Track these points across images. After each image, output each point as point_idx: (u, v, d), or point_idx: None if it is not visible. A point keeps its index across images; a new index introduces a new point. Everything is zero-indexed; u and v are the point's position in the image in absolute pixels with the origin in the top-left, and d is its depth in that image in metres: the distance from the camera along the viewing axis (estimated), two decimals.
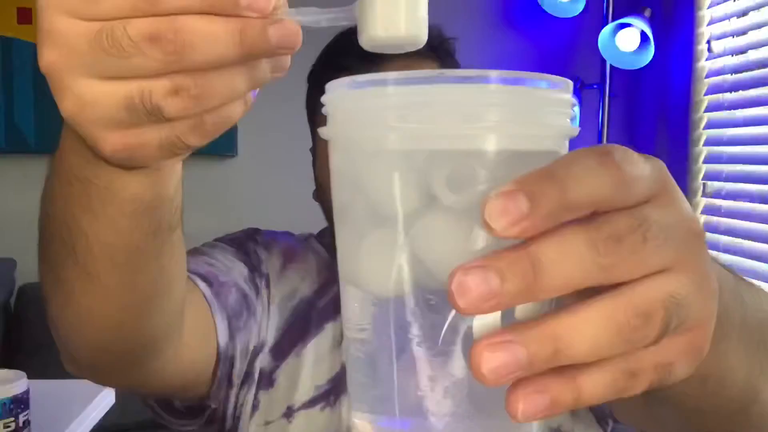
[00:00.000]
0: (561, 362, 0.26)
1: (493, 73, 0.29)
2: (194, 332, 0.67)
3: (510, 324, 0.26)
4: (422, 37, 0.37)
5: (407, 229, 0.29)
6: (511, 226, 0.25)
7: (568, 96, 0.31)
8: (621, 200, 0.27)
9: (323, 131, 0.33)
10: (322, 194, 0.86)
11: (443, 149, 0.29)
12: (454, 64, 0.88)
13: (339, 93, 0.32)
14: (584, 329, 0.26)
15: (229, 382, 0.78)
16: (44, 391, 1.07)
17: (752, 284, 0.48)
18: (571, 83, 0.31)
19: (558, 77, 0.30)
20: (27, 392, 0.95)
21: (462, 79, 0.29)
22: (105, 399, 1.18)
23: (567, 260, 0.25)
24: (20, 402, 0.93)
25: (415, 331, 0.30)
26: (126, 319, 0.55)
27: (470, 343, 0.27)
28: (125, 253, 0.49)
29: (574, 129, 0.31)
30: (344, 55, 0.45)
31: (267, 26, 0.34)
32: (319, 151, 0.86)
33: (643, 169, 0.28)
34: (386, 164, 0.30)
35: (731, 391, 0.45)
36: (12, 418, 0.92)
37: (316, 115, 0.86)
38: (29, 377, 0.96)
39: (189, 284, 0.70)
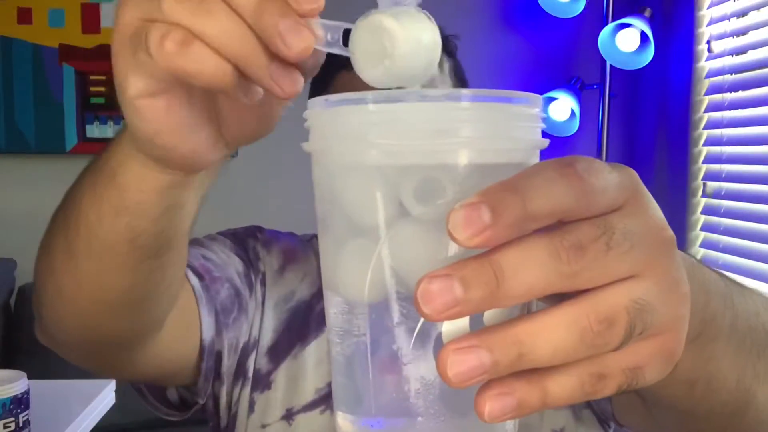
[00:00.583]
0: (525, 366, 0.27)
1: (463, 91, 0.30)
2: (177, 324, 0.68)
3: (478, 329, 0.27)
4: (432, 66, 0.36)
5: (380, 239, 0.31)
6: (473, 237, 0.26)
7: (537, 110, 0.32)
8: (584, 210, 0.27)
9: (305, 145, 0.34)
10: None
11: (413, 163, 0.30)
12: (455, 63, 0.88)
13: (317, 110, 0.33)
14: (547, 334, 0.26)
15: (218, 376, 0.78)
16: (44, 391, 1.07)
17: (745, 288, 0.49)
18: (540, 98, 0.32)
19: (527, 93, 0.32)
20: (27, 392, 0.95)
21: (433, 98, 0.30)
22: (105, 399, 1.18)
23: (529, 268, 0.26)
24: (20, 402, 0.93)
25: (389, 335, 0.31)
26: (111, 313, 0.56)
27: (440, 346, 0.28)
28: (130, 248, 0.50)
29: (543, 141, 0.32)
30: (331, 64, 0.45)
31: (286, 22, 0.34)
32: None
33: (608, 178, 0.28)
34: (360, 178, 0.31)
35: (722, 394, 0.45)
36: (12, 418, 0.92)
37: None
38: (29, 377, 0.96)
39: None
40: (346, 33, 0.36)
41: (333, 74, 0.46)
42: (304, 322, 0.84)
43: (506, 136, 0.31)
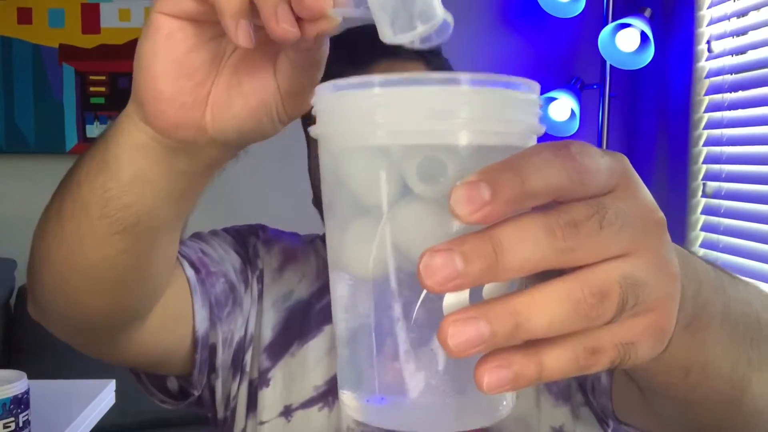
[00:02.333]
0: (522, 337, 0.28)
1: (464, 75, 0.31)
2: (166, 313, 0.69)
3: (477, 302, 0.29)
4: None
5: (384, 217, 0.32)
6: (474, 212, 0.27)
7: (534, 96, 0.33)
8: (578, 190, 0.29)
9: (312, 129, 0.36)
10: (318, 200, 0.86)
11: (416, 144, 0.32)
12: (442, 64, 0.88)
13: (324, 94, 0.35)
14: (543, 306, 0.28)
15: (213, 369, 0.79)
16: (44, 391, 1.07)
17: (737, 278, 0.50)
18: (537, 85, 0.34)
19: (525, 79, 0.33)
20: (27, 392, 0.95)
21: (435, 81, 0.32)
22: (105, 399, 1.18)
23: (526, 243, 0.27)
24: (20, 402, 0.93)
25: (392, 310, 0.32)
26: (88, 287, 0.57)
27: (425, 326, 0.30)
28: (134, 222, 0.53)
29: (540, 127, 0.34)
30: (331, 63, 0.48)
31: None
32: (312, 156, 0.87)
33: (601, 162, 0.30)
34: (365, 158, 0.33)
35: (717, 381, 0.46)
36: (12, 418, 0.92)
37: (308, 121, 0.87)
38: (29, 377, 0.96)
39: (176, 266, 0.71)
40: None
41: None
42: (302, 320, 0.84)
43: (504, 119, 0.32)
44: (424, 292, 0.31)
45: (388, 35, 0.38)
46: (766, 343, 0.48)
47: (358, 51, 0.48)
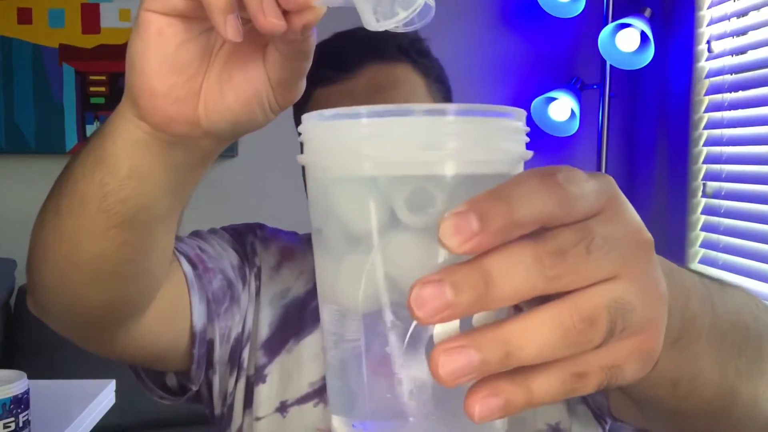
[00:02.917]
0: (512, 365, 0.28)
1: (450, 106, 0.32)
2: (164, 308, 0.69)
3: (467, 330, 0.29)
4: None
5: (373, 248, 0.32)
6: (463, 243, 0.27)
7: (520, 124, 0.34)
8: (565, 216, 0.29)
9: (300, 158, 0.36)
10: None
11: (404, 174, 0.32)
12: (430, 64, 0.88)
13: (311, 124, 0.35)
14: (533, 333, 0.28)
15: (210, 365, 0.80)
16: (44, 391, 1.07)
17: (727, 286, 0.50)
18: (523, 112, 0.34)
19: (510, 108, 0.33)
20: (27, 392, 0.95)
21: (422, 112, 0.32)
22: (105, 399, 1.18)
23: (515, 273, 0.28)
24: (20, 402, 0.93)
25: (382, 339, 0.32)
26: (85, 281, 0.58)
27: (416, 354, 0.30)
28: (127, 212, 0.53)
29: (527, 153, 0.34)
30: (320, 67, 0.49)
31: None
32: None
33: (587, 186, 0.30)
34: (353, 189, 0.33)
35: (706, 392, 0.46)
36: (12, 418, 0.92)
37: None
38: (29, 377, 0.96)
39: (173, 262, 0.72)
40: None
41: (310, 91, 0.50)
42: (298, 318, 0.85)
43: (490, 148, 0.33)
44: (414, 322, 0.31)
45: (371, 23, 0.39)
46: (755, 351, 0.48)
47: (345, 55, 0.49)
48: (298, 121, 0.90)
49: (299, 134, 0.36)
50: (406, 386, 0.32)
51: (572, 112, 2.21)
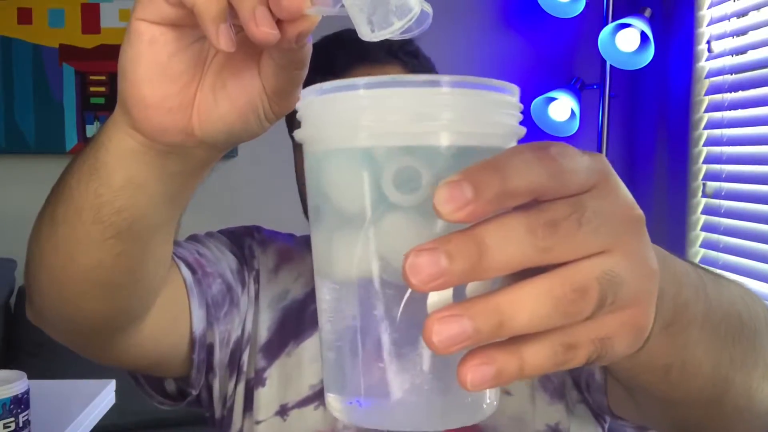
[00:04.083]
0: (505, 334, 0.28)
1: (445, 78, 0.32)
2: (163, 315, 0.69)
3: (461, 300, 0.29)
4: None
5: (366, 221, 0.32)
6: (456, 211, 0.27)
7: (514, 99, 0.34)
8: (557, 189, 0.29)
9: (297, 133, 0.36)
10: (307, 210, 0.87)
11: (400, 145, 0.32)
12: (421, 64, 0.88)
13: (308, 98, 0.35)
14: (525, 303, 0.28)
15: (210, 368, 0.80)
16: (44, 391, 1.07)
17: (721, 278, 0.50)
18: (517, 88, 0.34)
19: (504, 82, 0.34)
20: (27, 392, 0.95)
21: (418, 83, 0.32)
22: (105, 399, 1.18)
23: (508, 243, 0.28)
24: (20, 402, 0.93)
25: (376, 313, 0.33)
26: (83, 291, 0.57)
27: (410, 326, 0.31)
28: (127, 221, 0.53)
29: (521, 129, 0.34)
30: (309, 71, 0.48)
31: None
32: (299, 166, 0.87)
33: (580, 162, 0.30)
34: (348, 161, 0.33)
35: (698, 380, 0.46)
36: (12, 418, 0.92)
37: (294, 130, 0.88)
38: (29, 377, 0.96)
39: (172, 268, 0.72)
40: None
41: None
42: (297, 320, 0.85)
43: (485, 121, 0.33)
44: (408, 293, 0.32)
45: (366, 33, 0.39)
46: (748, 341, 0.49)
47: (334, 59, 0.48)
48: (290, 127, 0.90)
49: (293, 130, 0.37)
50: (399, 360, 0.33)
51: (572, 112, 2.21)
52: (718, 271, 0.53)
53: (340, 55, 0.81)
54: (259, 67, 0.47)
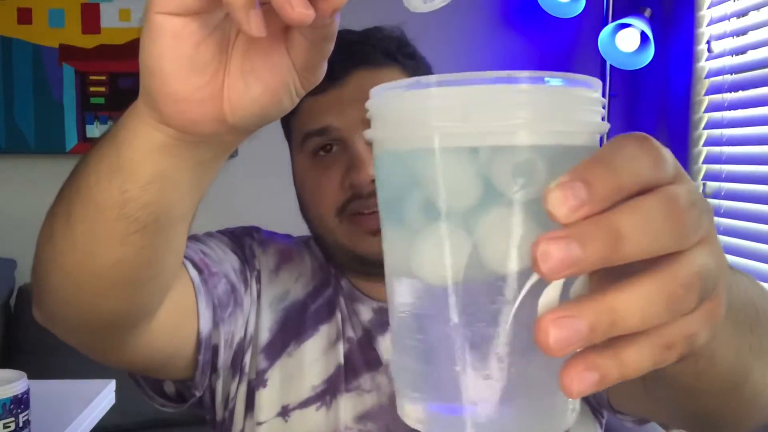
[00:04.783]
0: (617, 333, 0.28)
1: (537, 73, 0.31)
2: (171, 314, 0.68)
3: (571, 301, 0.29)
4: None
5: (464, 222, 0.32)
6: (572, 213, 0.27)
7: (597, 94, 0.34)
8: (662, 179, 0.29)
9: (367, 133, 0.35)
10: (304, 209, 0.87)
11: (493, 145, 0.31)
12: (419, 66, 0.88)
13: (386, 96, 0.34)
14: (637, 301, 0.28)
15: (214, 370, 0.79)
16: (44, 391, 1.07)
17: (734, 270, 0.50)
18: (599, 82, 0.34)
19: (587, 77, 0.33)
20: (27, 392, 0.95)
21: (506, 80, 0.31)
22: (105, 399, 1.18)
23: (646, 229, 0.28)
24: (20, 402, 0.93)
25: (467, 320, 0.32)
26: (101, 289, 0.57)
27: (520, 331, 0.31)
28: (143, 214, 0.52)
29: (605, 125, 0.34)
30: None
31: None
32: (296, 167, 0.87)
33: (667, 153, 0.30)
34: (436, 163, 0.32)
35: (722, 368, 0.46)
36: (12, 418, 0.92)
37: (291, 133, 0.88)
38: (29, 377, 0.96)
39: (181, 267, 0.71)
40: None
41: (299, 102, 0.50)
42: (298, 321, 0.85)
43: (582, 120, 0.32)
44: (521, 296, 0.31)
45: (417, 5, 0.38)
46: (763, 330, 0.49)
47: (332, 63, 0.48)
48: (287, 130, 0.90)
49: (290, 133, 0.36)
50: (489, 369, 0.32)
51: None
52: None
53: (337, 59, 0.81)
54: (286, 44, 0.46)
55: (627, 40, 2.11)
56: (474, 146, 0.31)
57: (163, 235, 0.54)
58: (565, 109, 0.32)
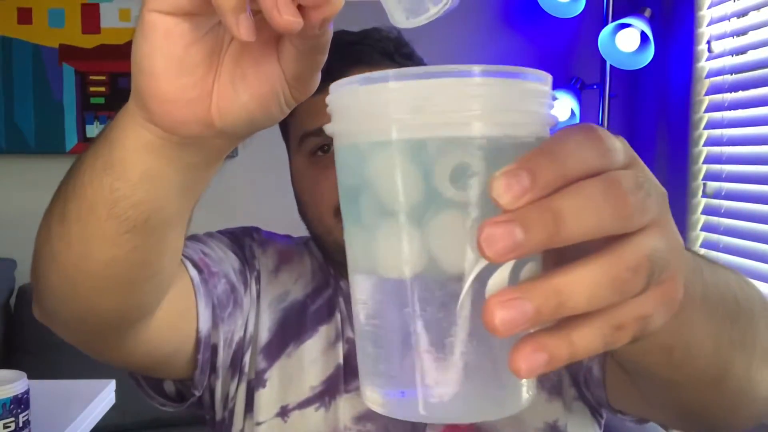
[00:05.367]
0: (563, 315, 0.29)
1: (489, 67, 0.32)
2: (170, 314, 0.68)
3: (519, 283, 0.29)
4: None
5: (417, 213, 0.32)
6: (516, 200, 0.28)
7: (547, 88, 0.34)
8: (607, 167, 0.30)
9: (328, 127, 0.36)
10: (303, 210, 0.87)
11: (450, 136, 0.32)
12: (414, 65, 0.88)
13: (342, 90, 0.35)
14: (583, 283, 0.29)
15: (213, 369, 0.79)
16: (44, 391, 1.07)
17: (716, 264, 0.51)
18: (549, 76, 0.35)
19: (537, 70, 0.34)
20: (27, 392, 0.95)
21: (450, 73, 0.32)
22: (105, 399, 1.18)
23: (586, 212, 0.28)
24: (20, 402, 0.93)
25: (421, 306, 0.33)
26: (96, 288, 0.57)
27: (471, 315, 0.31)
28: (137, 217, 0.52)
29: (555, 117, 0.35)
30: None
31: None
32: (294, 168, 0.87)
33: (617, 142, 0.31)
34: (390, 154, 0.33)
35: (699, 361, 0.47)
36: (12, 418, 0.92)
37: (288, 133, 0.88)
38: (29, 377, 0.96)
39: (179, 266, 0.71)
40: None
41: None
42: (298, 321, 0.85)
43: (529, 110, 0.33)
44: (467, 285, 0.32)
45: (400, 21, 0.38)
46: (746, 324, 0.50)
47: (328, 64, 0.47)
48: (284, 131, 0.90)
49: (287, 135, 0.36)
50: (453, 352, 0.33)
51: (572, 112, 2.21)
52: (714, 259, 0.54)
53: (334, 57, 0.81)
54: (278, 53, 0.46)
55: (627, 40, 2.11)
56: (426, 137, 0.32)
57: (155, 236, 0.54)
58: (516, 101, 0.33)
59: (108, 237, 0.53)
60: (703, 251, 2.06)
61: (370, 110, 0.33)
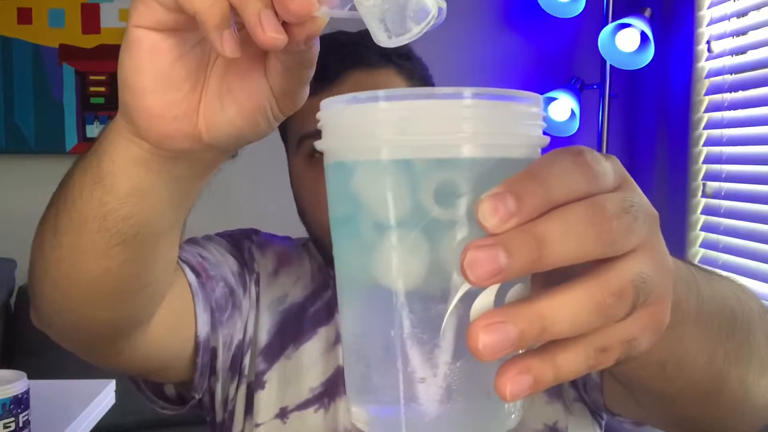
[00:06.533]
0: (547, 338, 0.29)
1: (479, 90, 0.32)
2: (169, 317, 0.68)
3: (503, 306, 0.29)
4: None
5: (405, 233, 0.32)
6: (502, 224, 0.28)
7: (537, 109, 0.34)
8: (594, 191, 0.30)
9: (318, 144, 0.36)
10: (302, 212, 0.87)
11: (437, 158, 0.32)
12: (414, 67, 0.88)
13: (333, 109, 0.35)
14: (566, 308, 0.29)
15: (213, 372, 0.79)
16: (44, 391, 1.07)
17: (713, 275, 0.51)
18: (540, 98, 0.35)
19: (528, 93, 0.34)
20: (27, 392, 0.95)
21: (441, 95, 0.32)
22: (105, 399, 1.18)
23: (569, 237, 0.28)
24: (20, 402, 0.93)
25: (407, 326, 0.33)
26: (89, 299, 0.57)
27: (456, 336, 0.31)
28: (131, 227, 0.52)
29: (545, 139, 0.35)
30: None
31: None
32: (293, 171, 0.87)
33: (606, 164, 0.31)
34: (378, 174, 0.33)
35: (693, 375, 0.47)
36: (12, 418, 0.92)
37: (287, 136, 0.88)
38: (29, 377, 0.96)
39: (177, 271, 0.71)
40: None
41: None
42: (297, 323, 0.85)
43: (519, 133, 0.33)
44: (453, 304, 0.32)
45: (383, 40, 0.38)
46: (742, 337, 0.49)
47: (327, 64, 0.47)
48: (283, 133, 0.90)
49: (286, 137, 0.36)
50: (428, 372, 0.33)
51: (572, 112, 2.21)
52: (711, 269, 0.54)
53: (333, 60, 0.81)
54: (265, 68, 0.46)
55: (627, 40, 2.11)
56: (415, 158, 0.32)
57: (146, 248, 0.54)
58: (506, 124, 0.33)
59: (99, 249, 0.52)
60: (702, 252, 2.06)
61: (360, 130, 0.33)
